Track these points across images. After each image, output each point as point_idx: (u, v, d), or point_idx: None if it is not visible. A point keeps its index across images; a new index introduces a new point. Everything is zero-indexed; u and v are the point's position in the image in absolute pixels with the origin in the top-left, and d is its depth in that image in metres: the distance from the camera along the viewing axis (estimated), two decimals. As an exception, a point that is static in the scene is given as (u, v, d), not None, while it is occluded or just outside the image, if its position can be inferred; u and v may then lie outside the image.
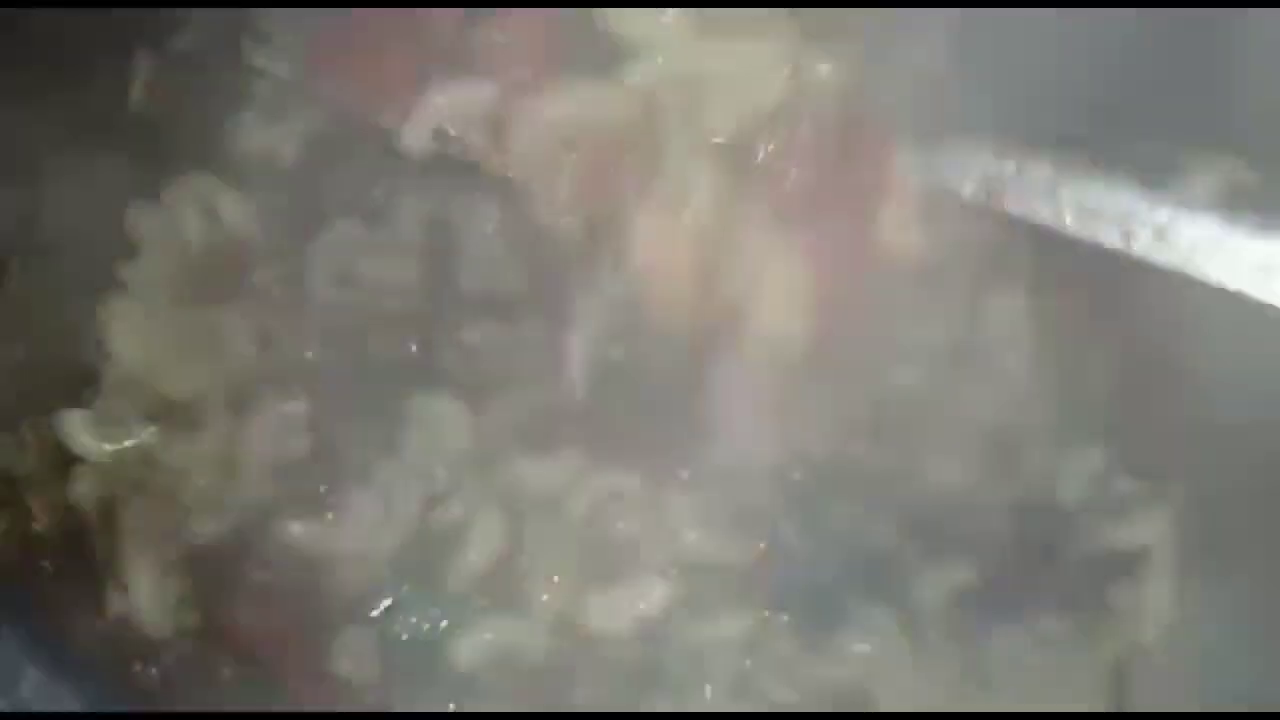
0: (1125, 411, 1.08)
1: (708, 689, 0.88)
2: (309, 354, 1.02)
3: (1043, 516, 1.04)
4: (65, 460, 0.95)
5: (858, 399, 1.02)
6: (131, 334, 1.01)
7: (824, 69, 0.91)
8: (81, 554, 0.92)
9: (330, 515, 0.91)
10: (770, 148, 0.93)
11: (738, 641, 0.88)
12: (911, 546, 0.98)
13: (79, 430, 0.96)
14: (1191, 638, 0.97)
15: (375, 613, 0.88)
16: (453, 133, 1.04)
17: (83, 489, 0.94)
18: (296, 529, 0.90)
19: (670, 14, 0.92)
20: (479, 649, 0.86)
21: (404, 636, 0.87)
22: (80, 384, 0.99)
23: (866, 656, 0.90)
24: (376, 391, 0.97)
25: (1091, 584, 1.00)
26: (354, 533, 0.90)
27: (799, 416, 1.00)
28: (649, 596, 0.86)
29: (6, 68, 0.95)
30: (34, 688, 0.71)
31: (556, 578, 0.87)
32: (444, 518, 0.90)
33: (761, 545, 0.93)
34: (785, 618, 0.90)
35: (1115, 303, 1.08)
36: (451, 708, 0.86)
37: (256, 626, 0.87)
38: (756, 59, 0.92)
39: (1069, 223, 0.88)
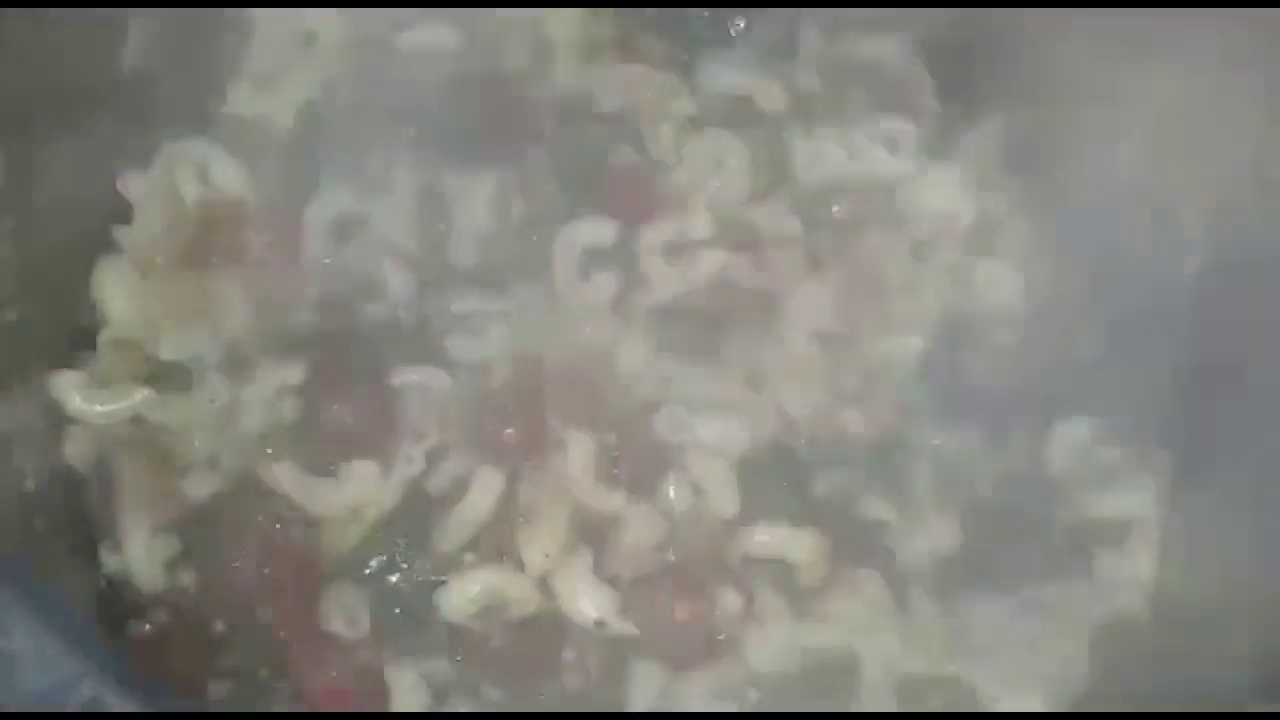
0: (1113, 378, 1.09)
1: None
2: (303, 319, 1.02)
3: (1029, 484, 1.05)
4: (59, 420, 0.95)
5: (850, 367, 1.04)
6: (125, 297, 1.02)
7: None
8: (76, 512, 0.92)
9: (325, 475, 0.91)
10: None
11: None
12: (898, 512, 0.98)
13: (72, 391, 0.96)
14: (1176, 607, 0.98)
15: (368, 570, 0.89)
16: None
17: (76, 449, 0.94)
18: (291, 486, 0.91)
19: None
20: (465, 601, 0.87)
21: (394, 593, 0.88)
22: (75, 345, 1.00)
23: (853, 620, 0.90)
24: (370, 358, 0.98)
25: (1077, 552, 1.00)
26: (349, 492, 0.90)
27: (793, 383, 1.01)
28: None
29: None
30: (27, 644, 0.70)
31: (548, 536, 0.87)
32: (441, 477, 0.91)
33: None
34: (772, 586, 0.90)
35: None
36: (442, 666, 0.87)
37: (250, 584, 0.88)
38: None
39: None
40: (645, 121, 1.11)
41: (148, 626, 0.87)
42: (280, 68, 1.15)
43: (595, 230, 1.03)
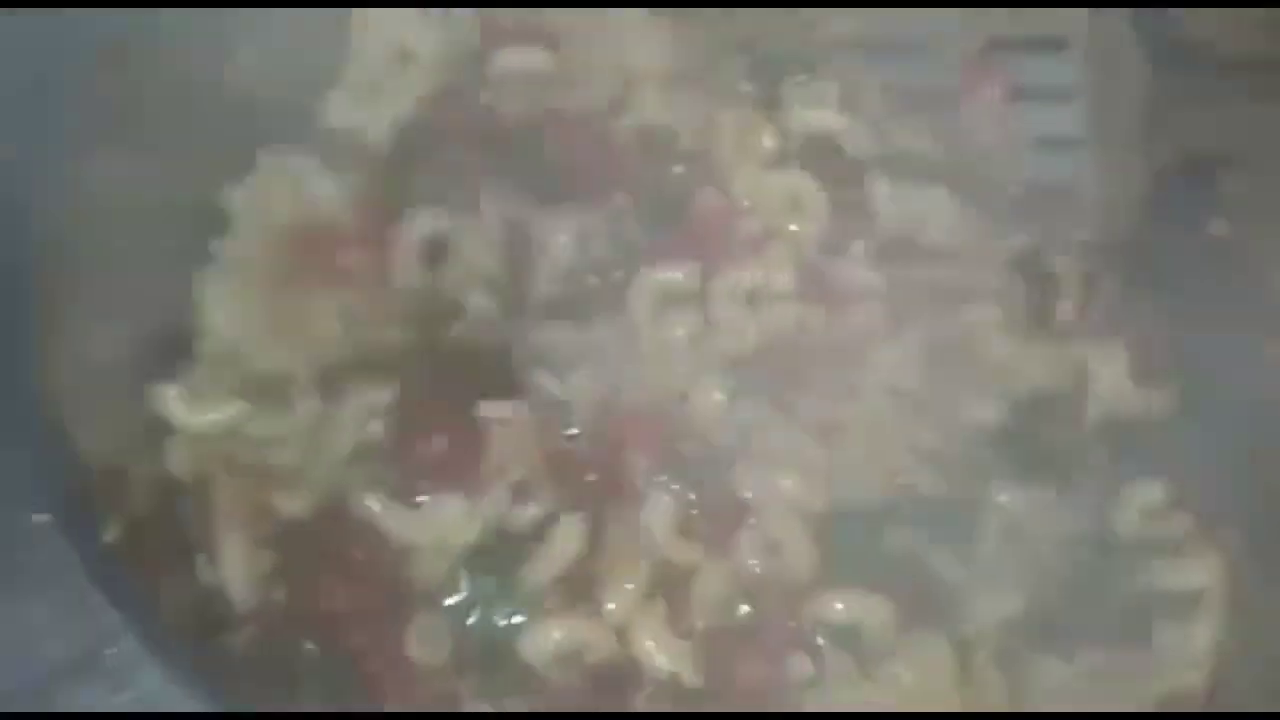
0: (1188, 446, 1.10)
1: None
2: (393, 339, 1.05)
3: (1096, 547, 1.06)
4: (162, 430, 0.99)
5: (925, 426, 1.05)
6: (224, 309, 1.05)
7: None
8: (174, 522, 0.96)
9: (412, 503, 0.95)
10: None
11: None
12: (965, 572, 1.00)
13: (173, 402, 0.99)
14: (1234, 685, 0.99)
15: (450, 602, 0.92)
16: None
17: (177, 459, 0.98)
18: (379, 514, 0.94)
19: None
20: (546, 645, 0.90)
21: (476, 627, 0.91)
22: (175, 356, 1.03)
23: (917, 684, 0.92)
24: (456, 386, 1.01)
25: (1138, 621, 1.01)
26: (434, 525, 0.93)
27: (867, 439, 1.02)
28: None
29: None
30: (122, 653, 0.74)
31: (629, 585, 0.90)
32: (524, 516, 0.93)
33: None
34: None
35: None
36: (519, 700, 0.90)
37: (338, 606, 0.91)
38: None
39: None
40: (727, 160, 1.12)
41: (238, 641, 0.91)
42: (377, 84, 1.18)
43: (674, 273, 1.05)
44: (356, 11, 1.16)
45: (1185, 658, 0.99)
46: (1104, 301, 1.14)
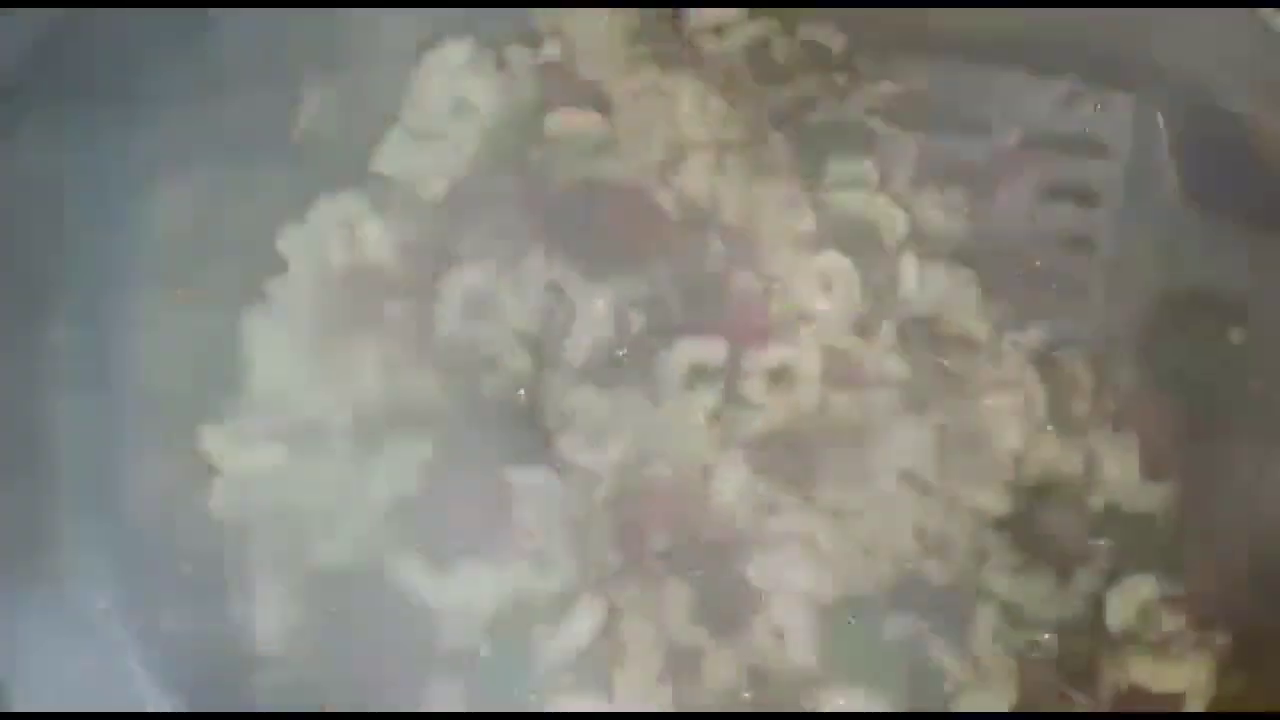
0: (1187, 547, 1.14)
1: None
2: (431, 391, 1.09)
3: (1088, 638, 1.10)
4: (206, 470, 1.03)
5: (936, 513, 1.09)
6: (271, 351, 1.09)
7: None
8: (213, 560, 1.01)
9: (442, 566, 0.99)
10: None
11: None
12: (961, 660, 1.04)
13: (217, 443, 1.03)
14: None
15: (472, 669, 0.96)
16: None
17: (219, 500, 1.02)
18: (407, 573, 0.98)
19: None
20: (559, 722, 0.95)
21: (491, 697, 0.95)
22: (220, 397, 1.07)
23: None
24: (488, 448, 1.05)
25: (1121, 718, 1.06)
26: (459, 591, 0.98)
27: (879, 524, 1.06)
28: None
29: (189, 77, 1.00)
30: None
31: (641, 668, 0.95)
32: (545, 589, 0.98)
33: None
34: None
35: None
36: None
37: (363, 662, 0.96)
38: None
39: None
40: (765, 238, 1.15)
41: (265, 684, 0.96)
42: (433, 133, 1.21)
43: (706, 350, 1.08)
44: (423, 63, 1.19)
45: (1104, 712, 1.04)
46: (1118, 399, 1.18)
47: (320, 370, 1.09)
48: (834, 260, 1.14)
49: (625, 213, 1.13)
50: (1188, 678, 1.06)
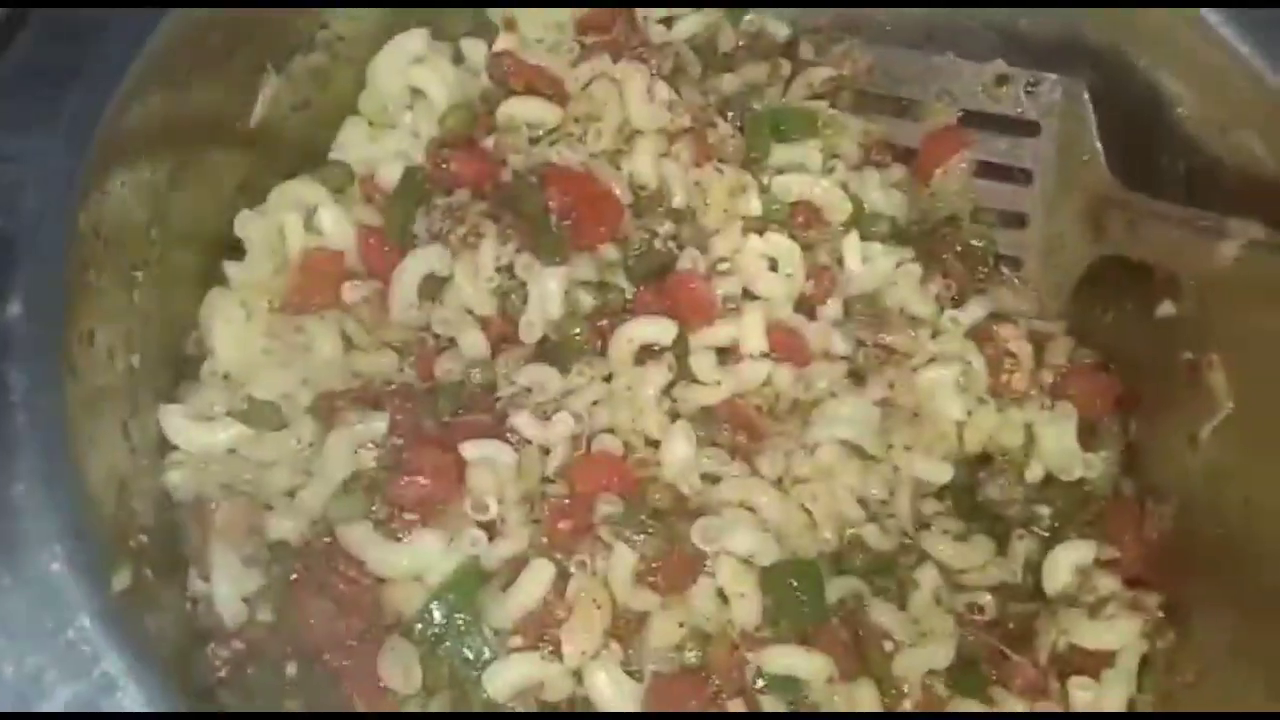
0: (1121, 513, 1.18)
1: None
2: (388, 370, 1.12)
3: (1025, 601, 1.14)
4: (164, 448, 1.05)
5: (876, 482, 1.12)
6: (228, 332, 1.11)
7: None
8: (172, 537, 1.03)
9: (394, 534, 1.02)
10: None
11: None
12: (901, 620, 1.08)
13: (176, 422, 1.05)
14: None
15: (426, 633, 0.99)
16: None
17: (177, 477, 1.04)
18: (363, 543, 1.01)
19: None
20: (508, 682, 0.97)
21: (445, 658, 0.98)
22: (180, 377, 1.10)
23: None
24: (444, 423, 1.08)
25: (1057, 675, 1.09)
26: (412, 560, 1.00)
27: (821, 493, 1.10)
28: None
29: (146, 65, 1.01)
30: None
31: (588, 629, 0.98)
32: (495, 555, 1.01)
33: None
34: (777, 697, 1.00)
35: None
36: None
37: (320, 629, 0.98)
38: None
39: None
40: (712, 220, 1.20)
41: (225, 654, 0.98)
42: (389, 122, 1.24)
43: (655, 330, 1.12)
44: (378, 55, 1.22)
45: (1097, 712, 1.07)
46: (1054, 371, 1.22)
47: (278, 351, 1.12)
48: (779, 242, 1.19)
49: (576, 197, 1.16)
50: (1121, 636, 1.09)
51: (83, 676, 0.76)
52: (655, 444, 1.09)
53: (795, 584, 1.03)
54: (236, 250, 1.16)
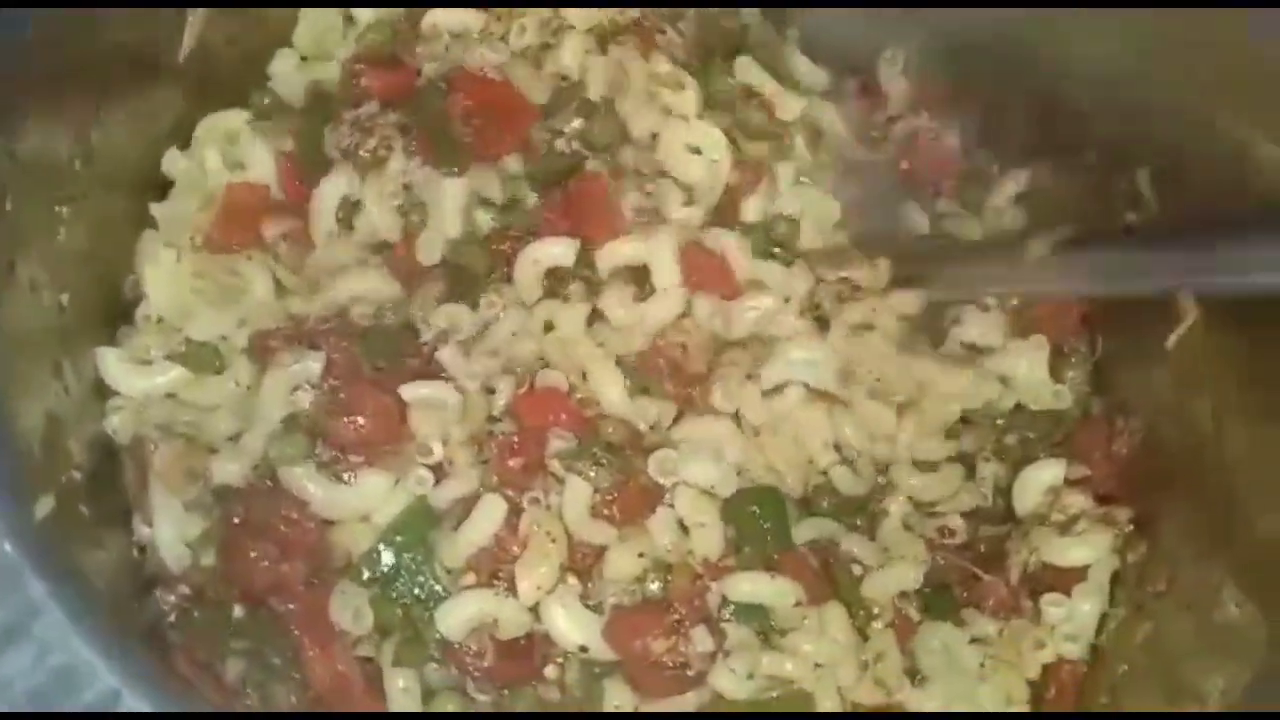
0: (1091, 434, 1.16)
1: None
2: (315, 312, 1.06)
3: (996, 522, 1.12)
4: (102, 393, 1.02)
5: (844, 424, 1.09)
6: (162, 274, 1.07)
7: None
8: (113, 483, 1.00)
9: (338, 476, 0.98)
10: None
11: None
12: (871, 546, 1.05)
13: (113, 366, 1.02)
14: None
15: (376, 573, 0.96)
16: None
17: (116, 422, 1.01)
18: (306, 485, 0.98)
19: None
20: (463, 620, 0.95)
21: (397, 598, 0.96)
22: (116, 321, 1.06)
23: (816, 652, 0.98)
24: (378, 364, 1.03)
25: (1030, 592, 1.07)
26: (358, 500, 0.97)
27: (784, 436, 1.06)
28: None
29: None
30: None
31: (543, 564, 0.95)
32: (445, 494, 0.97)
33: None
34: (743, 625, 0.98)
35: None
36: (434, 668, 0.96)
37: (266, 571, 0.95)
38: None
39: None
40: (630, 110, 1.10)
41: (171, 598, 0.95)
42: (320, 47, 1.18)
43: (558, 250, 1.04)
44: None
45: (1069, 630, 1.06)
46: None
47: (210, 292, 1.07)
48: (705, 130, 1.09)
49: (480, 101, 1.09)
50: (1093, 551, 1.08)
51: (4, 602, 0.73)
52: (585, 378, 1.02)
53: (758, 511, 1.01)
54: (165, 190, 1.12)
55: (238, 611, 0.95)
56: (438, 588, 0.96)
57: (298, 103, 1.15)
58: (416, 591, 0.96)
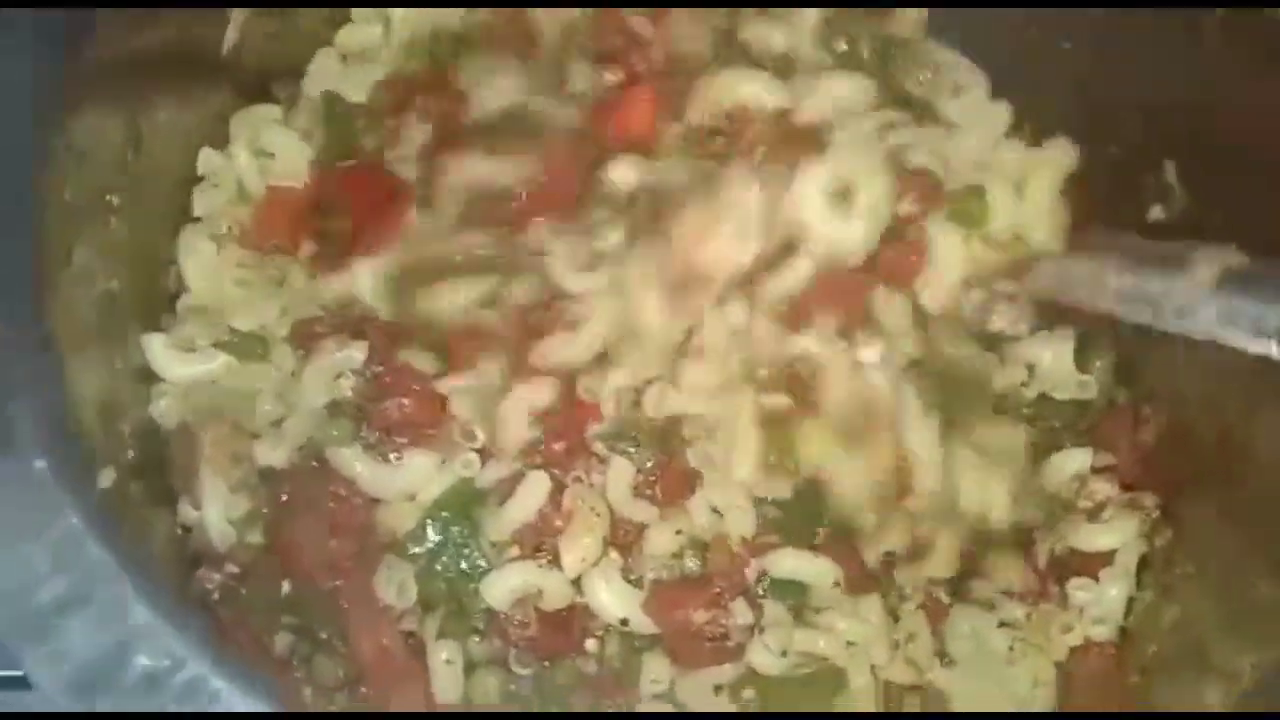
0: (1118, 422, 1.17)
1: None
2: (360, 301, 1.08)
3: (1026, 509, 1.13)
4: (149, 379, 1.04)
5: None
6: (202, 266, 1.10)
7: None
8: (160, 466, 1.02)
9: (384, 456, 1.00)
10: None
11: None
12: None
13: (159, 352, 1.04)
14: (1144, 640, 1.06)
15: (421, 549, 0.98)
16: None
17: (163, 407, 1.03)
18: (354, 465, 1.00)
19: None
20: (506, 590, 0.97)
21: (442, 573, 0.98)
22: (162, 309, 1.08)
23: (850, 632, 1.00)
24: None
25: (1056, 577, 1.09)
26: (404, 480, 0.99)
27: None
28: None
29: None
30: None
31: (586, 539, 0.97)
32: (491, 475, 1.00)
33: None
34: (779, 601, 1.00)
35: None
36: (476, 641, 0.98)
37: (313, 549, 0.97)
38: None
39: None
40: None
41: (217, 576, 0.97)
42: (361, 54, 1.21)
43: None
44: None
45: (1097, 613, 1.07)
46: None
47: (253, 283, 1.10)
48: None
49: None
50: (1119, 536, 1.09)
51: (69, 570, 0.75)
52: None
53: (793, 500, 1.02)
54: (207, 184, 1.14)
55: (285, 588, 0.97)
56: (482, 561, 0.98)
57: (345, 104, 1.17)
58: (462, 565, 0.98)
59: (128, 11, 0.98)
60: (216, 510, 0.99)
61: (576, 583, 0.97)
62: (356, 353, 1.04)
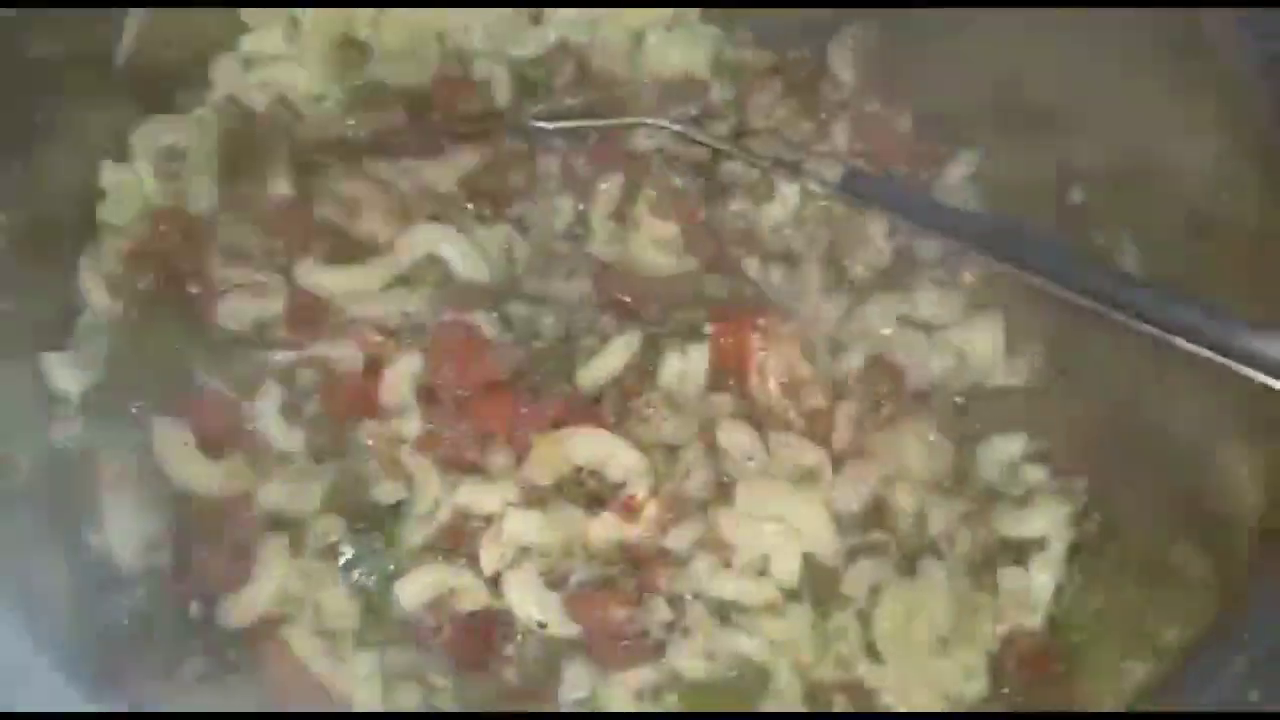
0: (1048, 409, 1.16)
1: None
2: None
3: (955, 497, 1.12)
4: (48, 399, 1.01)
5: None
6: (100, 282, 1.06)
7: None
8: (60, 489, 0.98)
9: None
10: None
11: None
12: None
13: (58, 371, 1.02)
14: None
15: (337, 562, 0.96)
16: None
17: (62, 428, 1.00)
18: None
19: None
20: (420, 592, 0.95)
21: (358, 585, 0.96)
22: (61, 327, 1.05)
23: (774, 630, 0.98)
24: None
25: (986, 565, 1.08)
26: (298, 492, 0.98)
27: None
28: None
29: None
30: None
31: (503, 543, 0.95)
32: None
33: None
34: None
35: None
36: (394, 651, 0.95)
37: (222, 570, 0.95)
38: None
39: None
40: None
41: (125, 603, 0.95)
42: (264, 59, 1.19)
43: None
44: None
45: (1026, 601, 1.06)
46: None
47: (148, 301, 1.06)
48: None
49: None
50: (1049, 523, 1.08)
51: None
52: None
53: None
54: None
55: (195, 611, 0.94)
56: (396, 567, 0.96)
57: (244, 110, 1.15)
58: (376, 576, 0.96)
59: (14, 12, 0.96)
60: (120, 532, 0.97)
61: (496, 587, 0.96)
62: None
